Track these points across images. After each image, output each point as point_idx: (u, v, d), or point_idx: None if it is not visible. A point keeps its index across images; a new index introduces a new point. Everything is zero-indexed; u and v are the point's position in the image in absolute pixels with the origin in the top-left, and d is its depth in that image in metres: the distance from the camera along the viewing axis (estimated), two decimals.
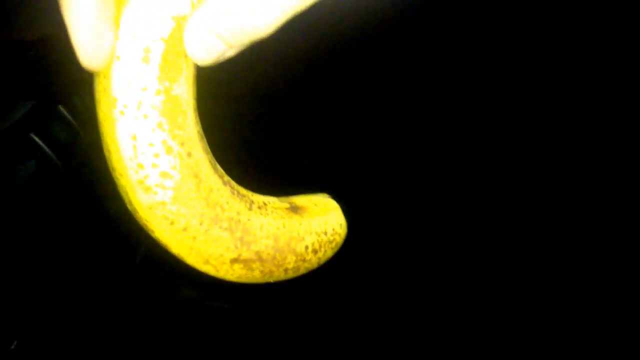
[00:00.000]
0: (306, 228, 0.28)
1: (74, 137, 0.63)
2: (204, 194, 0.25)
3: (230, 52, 0.23)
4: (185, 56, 0.23)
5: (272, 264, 0.27)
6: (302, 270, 0.29)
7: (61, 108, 0.58)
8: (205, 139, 0.26)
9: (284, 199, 0.30)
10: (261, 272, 0.27)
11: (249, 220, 0.26)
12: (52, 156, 0.61)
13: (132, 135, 0.23)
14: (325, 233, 0.29)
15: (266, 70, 0.78)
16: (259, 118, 0.87)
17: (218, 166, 0.27)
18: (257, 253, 0.26)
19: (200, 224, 0.25)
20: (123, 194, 0.25)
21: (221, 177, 0.27)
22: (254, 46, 0.23)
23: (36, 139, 0.60)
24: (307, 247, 0.28)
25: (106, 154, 0.24)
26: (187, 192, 0.24)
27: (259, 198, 0.28)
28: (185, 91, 0.24)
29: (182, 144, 0.24)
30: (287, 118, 0.87)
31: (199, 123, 0.26)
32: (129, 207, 0.25)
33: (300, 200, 0.30)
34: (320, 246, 0.28)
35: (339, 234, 0.30)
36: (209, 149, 0.26)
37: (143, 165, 0.23)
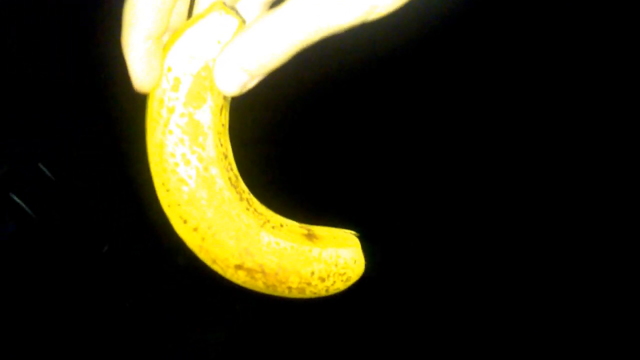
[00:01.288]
0: (315, 255, 0.30)
1: (51, 190, 0.65)
2: (215, 204, 0.29)
3: (252, 83, 0.28)
4: (211, 89, 0.28)
5: (275, 279, 0.30)
6: (308, 294, 0.30)
7: (41, 165, 0.60)
8: (231, 159, 0.30)
9: (305, 225, 0.31)
10: (264, 283, 0.30)
11: (257, 234, 0.30)
12: (31, 214, 0.63)
13: (159, 144, 0.28)
14: (336, 265, 0.30)
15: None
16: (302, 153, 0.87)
17: (241, 184, 0.31)
18: (261, 265, 0.30)
19: (209, 228, 0.29)
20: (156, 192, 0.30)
21: (240, 193, 0.30)
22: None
23: (15, 198, 0.61)
24: (313, 273, 0.30)
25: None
26: (199, 199, 0.29)
27: (278, 219, 0.31)
28: (209, 118, 0.28)
29: (200, 160, 0.28)
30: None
31: (225, 145, 0.30)
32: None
33: (322, 230, 0.31)
34: (328, 275, 0.30)
35: (352, 269, 0.30)
36: (233, 168, 0.30)
37: (166, 170, 0.28)
